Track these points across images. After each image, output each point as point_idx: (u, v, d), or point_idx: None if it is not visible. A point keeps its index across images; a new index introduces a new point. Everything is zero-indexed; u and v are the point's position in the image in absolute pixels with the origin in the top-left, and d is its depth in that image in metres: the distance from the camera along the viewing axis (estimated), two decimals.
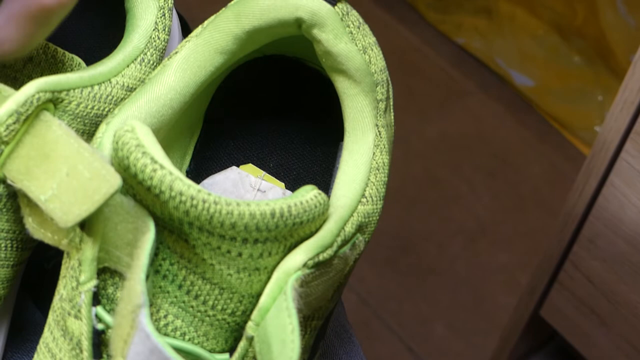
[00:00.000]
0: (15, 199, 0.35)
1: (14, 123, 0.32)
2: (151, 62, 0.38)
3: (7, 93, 0.33)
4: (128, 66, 0.37)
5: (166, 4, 0.38)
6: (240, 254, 0.31)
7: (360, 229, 0.35)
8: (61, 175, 0.31)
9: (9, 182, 0.32)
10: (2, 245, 0.35)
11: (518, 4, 0.94)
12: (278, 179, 0.42)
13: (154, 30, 0.38)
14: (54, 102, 0.34)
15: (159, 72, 0.36)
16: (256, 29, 0.36)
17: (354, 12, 0.37)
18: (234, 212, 0.30)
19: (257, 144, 0.42)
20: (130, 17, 0.39)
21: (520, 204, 0.93)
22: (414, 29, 0.98)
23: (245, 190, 0.40)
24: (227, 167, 0.41)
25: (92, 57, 0.44)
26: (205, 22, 0.37)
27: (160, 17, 0.38)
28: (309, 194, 0.33)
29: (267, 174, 0.41)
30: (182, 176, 0.31)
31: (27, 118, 0.33)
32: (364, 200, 0.35)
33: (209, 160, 0.42)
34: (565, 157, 0.93)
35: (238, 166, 0.41)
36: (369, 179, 0.36)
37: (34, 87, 0.33)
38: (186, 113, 0.39)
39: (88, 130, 0.36)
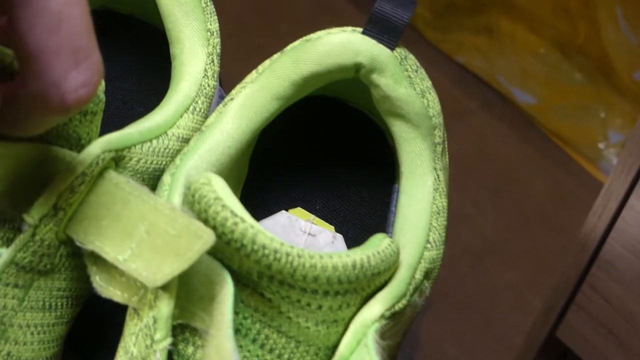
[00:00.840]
0: (75, 257, 0.34)
1: (80, 185, 0.31)
2: (202, 110, 0.37)
3: (68, 156, 0.32)
4: (181, 116, 0.36)
5: (214, 50, 0.38)
6: (320, 307, 0.31)
7: (426, 275, 0.35)
8: (140, 233, 0.30)
9: (78, 243, 0.32)
10: (59, 303, 0.34)
11: (519, 22, 0.95)
12: (325, 221, 0.41)
13: (203, 77, 0.38)
14: (115, 160, 0.33)
15: (215, 119, 0.36)
16: (314, 75, 0.36)
17: (411, 56, 0.37)
18: (317, 265, 0.30)
19: (303, 187, 0.42)
20: (178, 64, 0.38)
21: (525, 221, 0.93)
22: (413, 48, 0.98)
23: (296, 235, 0.40)
24: (274, 210, 0.41)
25: (130, 99, 0.43)
26: (260, 68, 0.37)
27: (210, 64, 0.38)
28: (383, 243, 0.33)
29: (316, 218, 0.41)
30: (263, 229, 0.30)
31: (91, 178, 0.32)
32: (428, 245, 0.35)
33: (256, 205, 0.41)
34: (569, 173, 0.94)
35: (286, 210, 0.40)
36: (431, 223, 0.36)
37: (100, 147, 0.32)
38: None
39: (146, 185, 0.35)
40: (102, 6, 0.41)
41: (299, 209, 0.40)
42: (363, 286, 0.31)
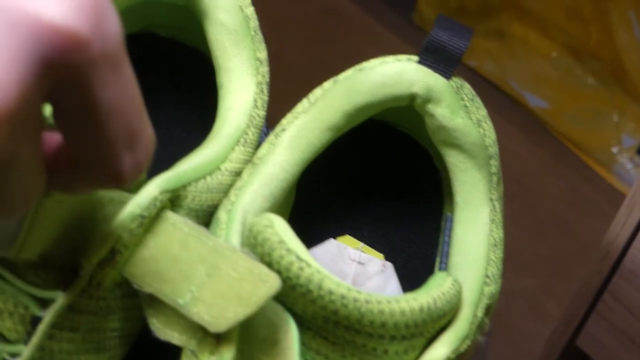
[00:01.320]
0: (129, 298, 0.33)
1: (138, 227, 0.30)
2: (252, 142, 0.36)
3: (124, 198, 0.31)
4: (233, 149, 0.35)
5: (264, 79, 0.37)
6: (386, 352, 0.30)
7: (487, 311, 0.34)
8: (200, 276, 0.29)
9: (135, 286, 0.31)
10: (112, 343, 0.33)
11: (531, 26, 0.94)
12: (374, 248, 0.41)
13: (253, 107, 0.36)
14: (171, 199, 0.32)
15: (268, 151, 0.35)
16: (367, 105, 0.35)
17: (467, 85, 0.36)
18: (384, 311, 0.29)
19: (350, 212, 0.41)
20: (226, 93, 0.37)
21: (539, 226, 0.93)
22: None
23: (345, 263, 0.39)
24: (322, 238, 0.40)
25: (172, 123, 0.42)
26: (312, 97, 0.36)
27: (259, 94, 0.37)
28: (446, 283, 0.32)
29: (365, 245, 0.40)
30: (329, 274, 0.30)
31: (149, 220, 0.31)
32: (487, 280, 0.34)
33: (304, 231, 0.40)
34: (582, 178, 0.93)
35: (335, 237, 0.39)
36: (489, 256, 0.35)
37: (157, 188, 0.31)
38: None
39: (201, 222, 0.34)
40: (143, 28, 0.40)
41: (347, 236, 0.39)
42: (428, 329, 0.31)
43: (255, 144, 0.37)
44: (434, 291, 0.31)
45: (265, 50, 0.37)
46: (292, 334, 0.30)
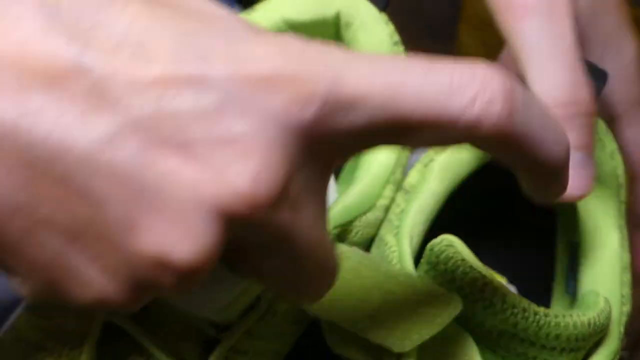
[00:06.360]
0: (295, 324, 0.35)
1: None
2: (398, 181, 0.38)
3: None
4: (384, 187, 0.37)
5: None
6: None
7: (625, 329, 0.37)
8: (377, 301, 0.32)
9: (311, 314, 0.33)
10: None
11: None
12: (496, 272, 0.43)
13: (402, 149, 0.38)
14: (339, 234, 0.35)
15: (419, 180, 0.38)
16: None
17: (600, 120, 0.39)
18: (560, 324, 0.32)
19: (471, 237, 0.43)
20: None
21: None
22: None
23: None
24: None
25: None
26: None
27: None
28: (600, 301, 0.35)
29: (488, 268, 0.42)
30: (509, 289, 0.32)
31: None
32: (623, 300, 0.37)
33: None
34: None
35: None
36: (622, 279, 0.38)
37: (331, 224, 0.34)
38: None
39: None
40: None
41: None
42: (589, 343, 0.34)
43: (400, 183, 0.39)
44: (595, 308, 0.34)
45: None
46: (474, 349, 0.32)
